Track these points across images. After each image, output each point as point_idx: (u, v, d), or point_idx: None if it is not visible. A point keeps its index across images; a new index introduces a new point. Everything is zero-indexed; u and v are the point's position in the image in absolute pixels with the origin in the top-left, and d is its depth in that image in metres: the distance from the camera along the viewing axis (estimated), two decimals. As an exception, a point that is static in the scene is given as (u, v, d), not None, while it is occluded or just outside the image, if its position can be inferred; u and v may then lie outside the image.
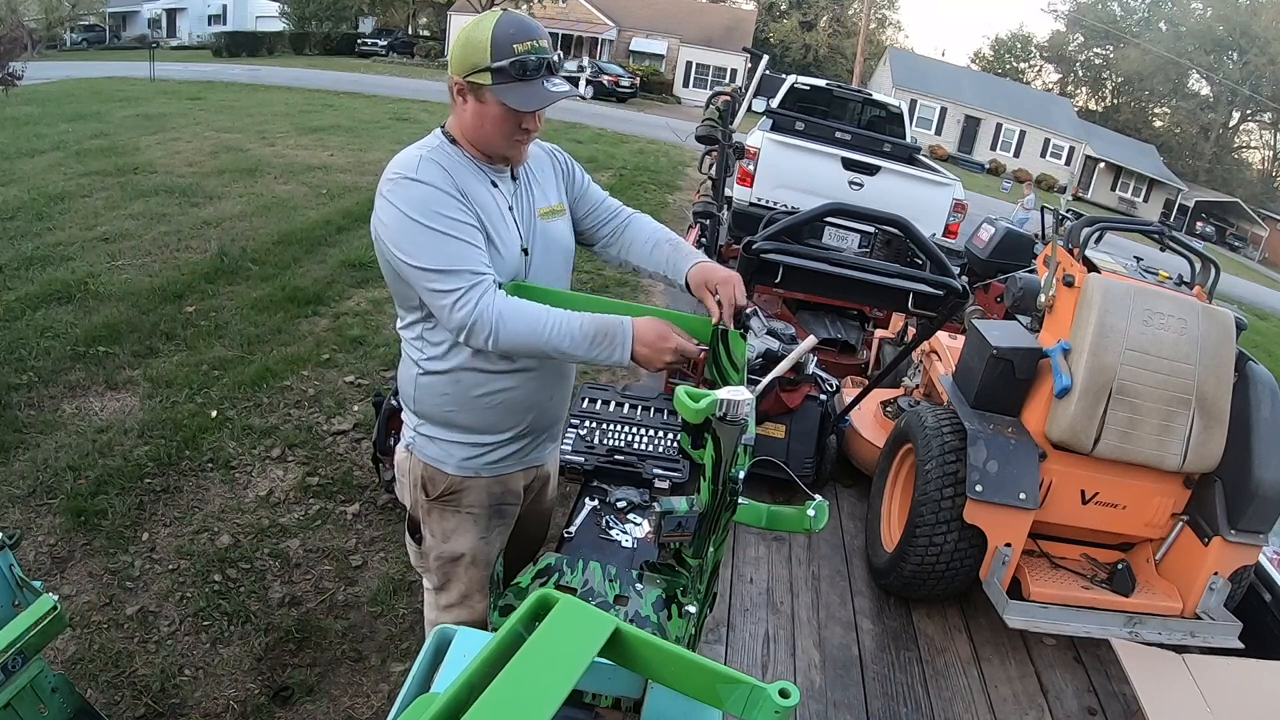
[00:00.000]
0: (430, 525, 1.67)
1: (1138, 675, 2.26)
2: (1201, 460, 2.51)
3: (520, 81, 1.38)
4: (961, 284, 2.63)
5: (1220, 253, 26.57)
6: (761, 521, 1.55)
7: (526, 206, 1.57)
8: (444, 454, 1.59)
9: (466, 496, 1.63)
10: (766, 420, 3.36)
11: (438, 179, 1.39)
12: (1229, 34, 37.61)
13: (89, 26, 27.84)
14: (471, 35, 1.39)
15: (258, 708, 2.12)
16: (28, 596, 1.50)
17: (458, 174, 1.44)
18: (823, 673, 2.51)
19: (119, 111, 11.33)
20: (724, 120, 5.77)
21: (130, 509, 2.82)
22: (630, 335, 1.39)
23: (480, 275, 1.36)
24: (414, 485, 1.65)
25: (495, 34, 1.36)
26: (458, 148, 1.49)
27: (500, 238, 1.47)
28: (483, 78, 1.38)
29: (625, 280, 6.38)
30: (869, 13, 32.37)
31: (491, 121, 1.42)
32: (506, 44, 1.36)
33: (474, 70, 1.38)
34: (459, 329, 1.36)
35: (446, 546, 1.67)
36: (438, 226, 1.35)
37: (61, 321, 4.18)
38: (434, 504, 1.64)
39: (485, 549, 1.69)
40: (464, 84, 1.41)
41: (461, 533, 1.66)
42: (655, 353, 1.41)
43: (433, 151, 1.45)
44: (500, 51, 1.36)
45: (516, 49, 1.36)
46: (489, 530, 1.68)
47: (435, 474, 1.61)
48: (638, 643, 0.80)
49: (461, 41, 1.40)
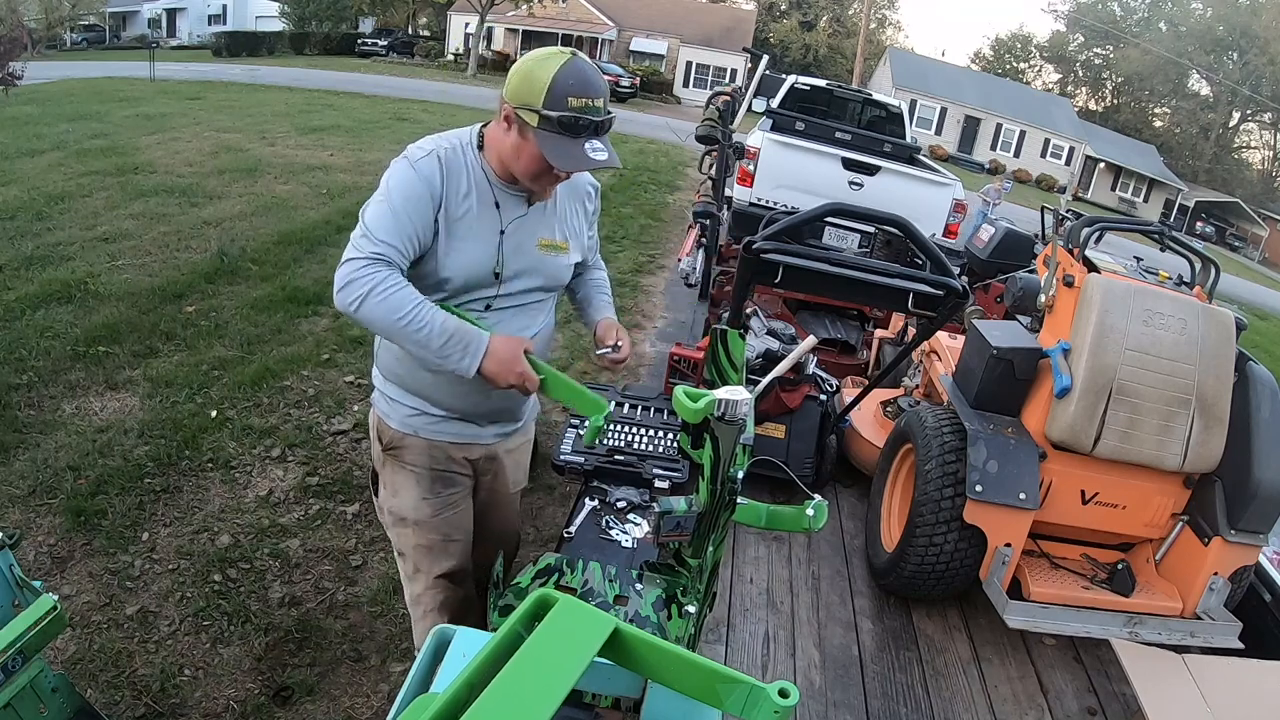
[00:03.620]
0: (384, 477, 1.77)
1: (1138, 675, 2.26)
2: (1201, 460, 2.51)
3: (564, 135, 1.40)
4: (961, 284, 2.63)
5: (1220, 253, 26.58)
6: (761, 521, 1.55)
7: (527, 235, 1.59)
8: (390, 409, 1.69)
9: (407, 453, 1.70)
10: (766, 420, 3.36)
11: (426, 175, 1.44)
12: (1229, 34, 37.61)
13: (89, 26, 27.84)
14: (534, 71, 1.40)
15: (258, 708, 2.12)
16: (28, 596, 1.50)
17: (456, 181, 1.48)
18: (823, 673, 2.51)
19: (119, 111, 11.33)
20: (724, 120, 5.79)
21: (130, 509, 2.82)
22: (484, 347, 1.43)
23: (384, 255, 1.40)
24: (374, 437, 1.76)
25: (556, 80, 1.38)
26: (481, 157, 1.52)
27: (470, 253, 1.51)
28: (530, 118, 1.40)
29: (625, 280, 6.39)
30: (869, 13, 32.37)
31: (527, 159, 1.45)
32: (563, 95, 1.37)
33: (525, 107, 1.40)
34: (338, 282, 1.40)
35: (395, 501, 1.76)
36: (393, 202, 1.43)
37: (61, 321, 4.18)
38: (385, 455, 1.73)
39: (429, 512, 1.74)
40: (513, 114, 1.43)
41: (405, 489, 1.73)
42: (502, 370, 1.44)
43: (452, 152, 1.49)
44: (555, 101, 1.37)
45: (571, 103, 1.38)
46: (432, 493, 1.74)
47: (384, 426, 1.71)
48: (637, 643, 0.80)
49: (523, 72, 1.42)
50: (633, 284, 6.36)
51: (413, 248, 1.45)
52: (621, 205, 9.32)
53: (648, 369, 4.75)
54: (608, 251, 7.21)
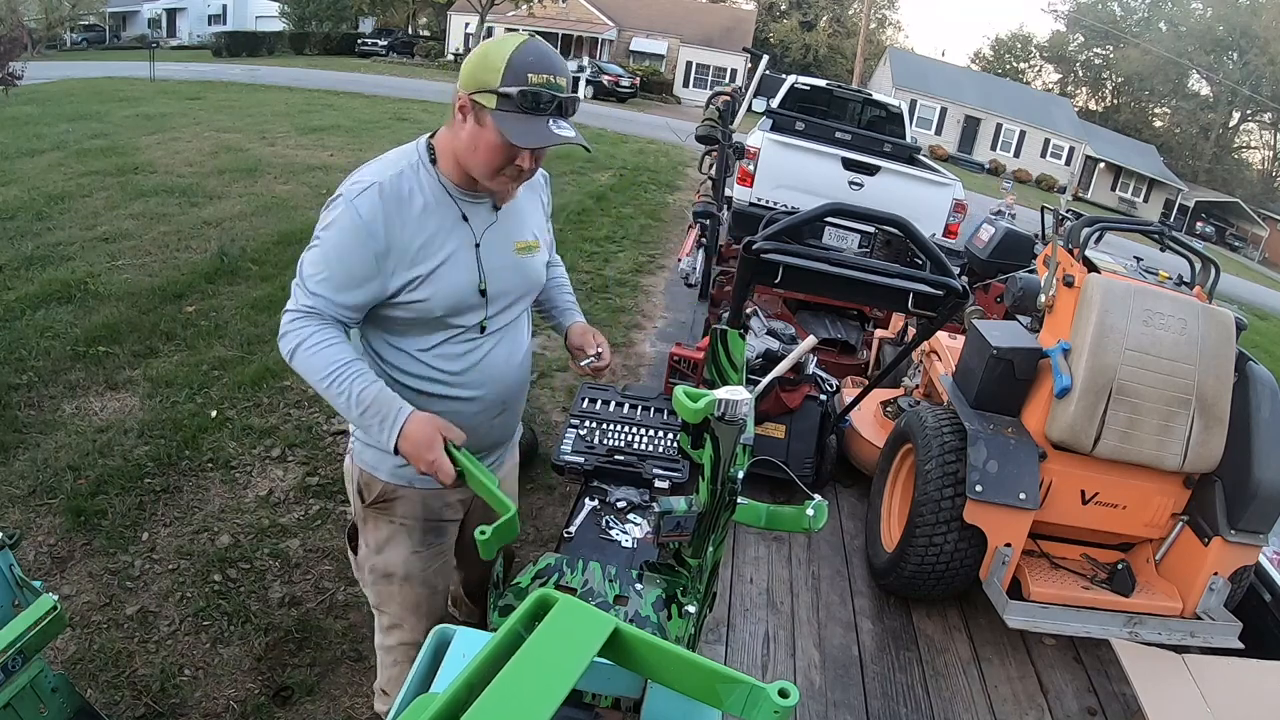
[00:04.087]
0: (366, 534, 1.63)
1: (1138, 675, 2.26)
2: (1201, 460, 2.51)
3: (525, 114, 1.29)
4: (961, 284, 2.63)
5: (1220, 253, 26.58)
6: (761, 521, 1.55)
7: (502, 241, 1.49)
8: (378, 461, 1.56)
9: (399, 506, 1.58)
10: (766, 420, 3.36)
11: (365, 216, 1.32)
12: (1229, 34, 37.61)
13: (89, 26, 27.84)
14: (489, 53, 1.30)
15: (258, 708, 2.12)
16: (28, 596, 1.50)
17: (406, 210, 1.36)
18: (823, 673, 2.51)
19: (119, 111, 11.33)
20: (724, 120, 5.79)
21: (130, 509, 2.82)
22: (400, 427, 1.32)
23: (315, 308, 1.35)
24: (354, 491, 1.62)
25: (513, 58, 1.28)
26: (435, 170, 1.41)
27: (449, 279, 1.40)
28: (488, 100, 1.29)
29: (624, 280, 6.39)
30: (869, 13, 32.37)
31: (485, 149, 1.33)
32: (521, 71, 1.27)
33: (481, 89, 1.29)
34: (280, 329, 1.37)
35: (379, 559, 1.63)
36: (326, 249, 1.35)
37: (61, 321, 4.18)
38: (369, 510, 1.60)
39: (419, 566, 1.64)
40: (468, 102, 1.32)
41: (394, 545, 1.62)
42: (416, 453, 1.33)
43: (396, 178, 1.37)
44: (512, 77, 1.27)
45: (531, 79, 1.27)
46: (424, 545, 1.63)
47: (371, 479, 1.57)
48: (637, 643, 0.80)
49: (477, 57, 1.32)
50: (633, 284, 6.36)
51: (353, 297, 1.36)
52: (621, 205, 9.32)
53: (648, 369, 4.75)
54: (608, 251, 7.21)
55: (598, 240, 7.52)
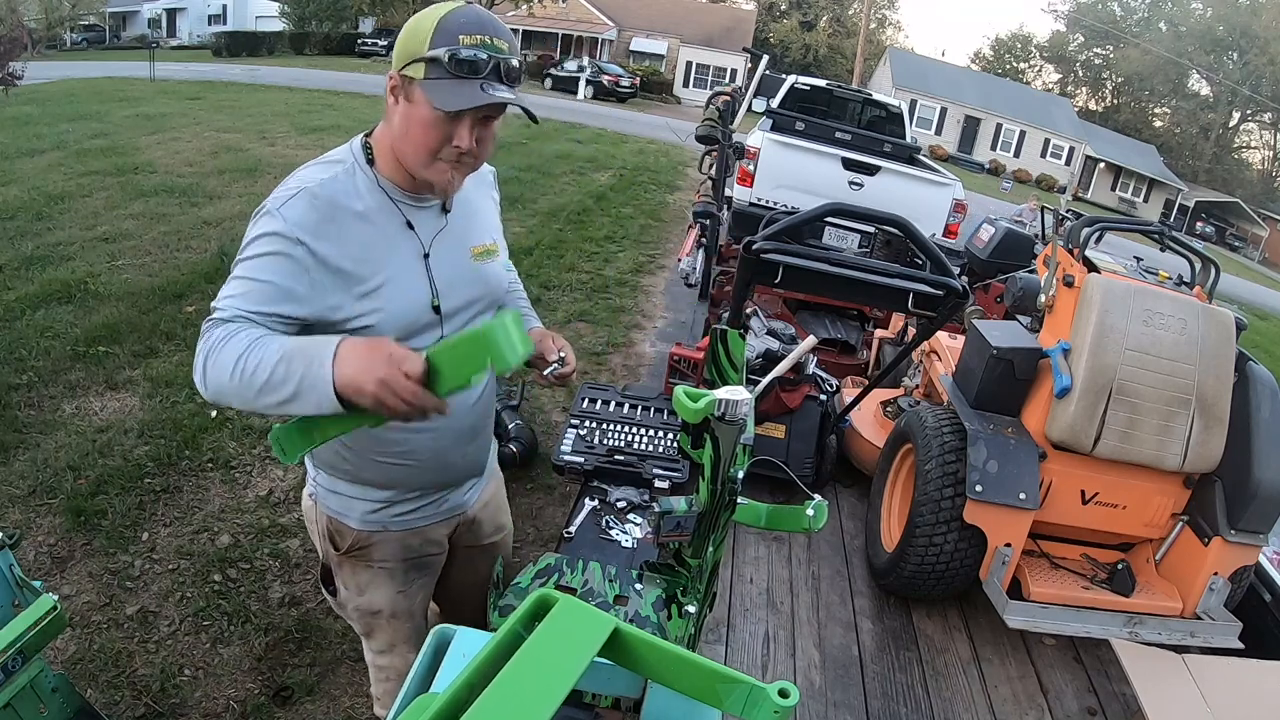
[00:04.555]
0: (343, 578, 1.49)
1: (1138, 675, 2.26)
2: (1201, 460, 2.51)
3: (457, 80, 1.11)
4: (961, 284, 2.63)
5: (1220, 253, 26.58)
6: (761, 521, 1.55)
7: (456, 248, 1.31)
8: (346, 507, 1.41)
9: (377, 551, 1.44)
10: (766, 420, 3.36)
11: (293, 222, 1.14)
12: (1229, 34, 37.61)
13: (89, 26, 27.84)
14: (417, 23, 1.14)
15: (258, 708, 2.12)
16: (28, 596, 1.50)
17: (342, 217, 1.18)
18: (823, 673, 2.51)
19: (119, 111, 11.33)
20: (724, 120, 5.79)
21: (130, 509, 2.82)
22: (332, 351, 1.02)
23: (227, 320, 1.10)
24: (321, 536, 1.47)
25: (442, 21, 1.12)
26: (373, 171, 1.24)
27: (396, 297, 1.22)
28: (416, 70, 1.13)
29: (624, 280, 6.39)
30: (869, 13, 32.37)
31: (417, 128, 1.15)
32: (452, 33, 1.11)
33: (410, 60, 1.13)
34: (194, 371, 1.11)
35: (362, 600, 1.51)
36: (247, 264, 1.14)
37: (61, 321, 4.18)
38: (344, 558, 1.45)
39: (405, 602, 1.53)
40: (398, 79, 1.15)
41: (376, 586, 1.48)
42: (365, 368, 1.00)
43: (328, 182, 1.19)
44: (441, 39, 1.11)
45: (462, 40, 1.11)
46: (407, 584, 1.51)
47: (341, 527, 1.42)
48: (637, 643, 0.80)
49: (406, 29, 1.16)
50: (633, 284, 6.36)
51: (278, 308, 1.12)
52: (621, 205, 9.32)
53: (648, 369, 4.75)
54: (608, 251, 7.21)
55: (598, 240, 7.52)
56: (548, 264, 6.43)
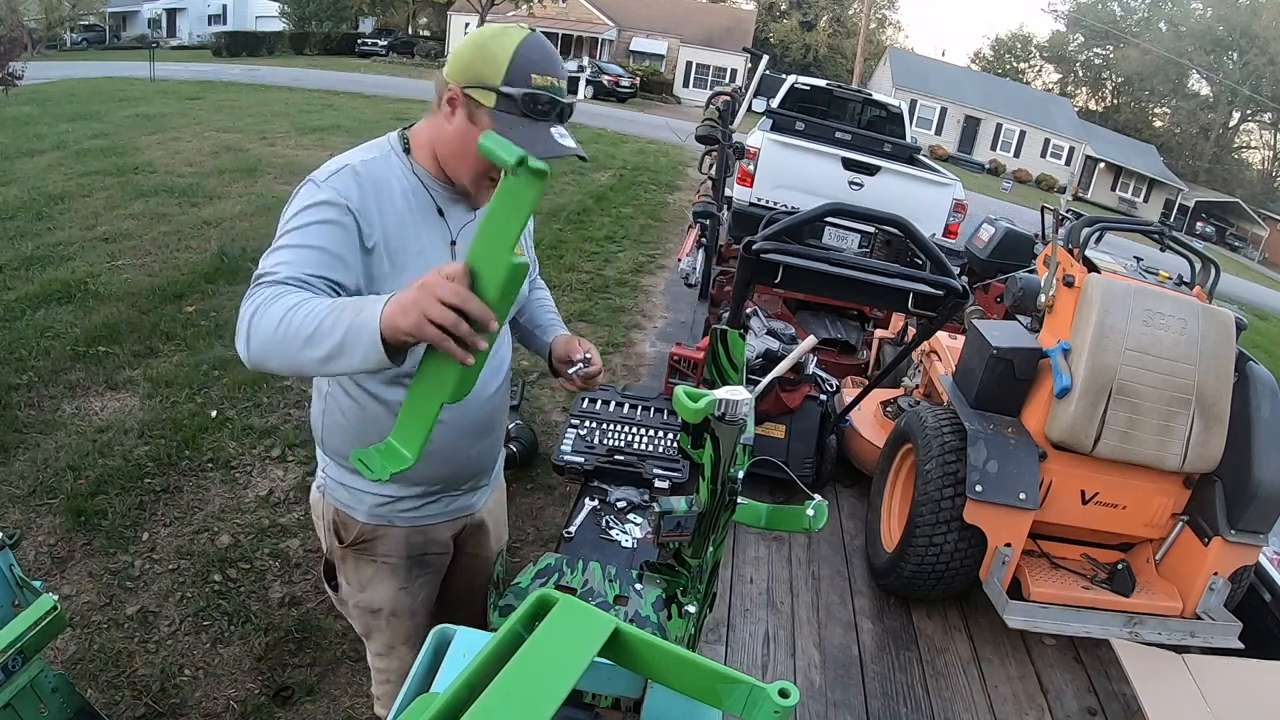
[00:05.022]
0: (346, 573, 1.52)
1: (1138, 675, 2.26)
2: (1201, 460, 2.51)
3: (527, 118, 1.18)
4: (961, 284, 2.63)
5: (1220, 253, 26.57)
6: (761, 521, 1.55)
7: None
8: (354, 500, 1.44)
9: (381, 545, 1.47)
10: (766, 420, 3.36)
11: (342, 191, 1.17)
12: (1229, 34, 37.63)
13: (89, 26, 27.84)
14: (488, 45, 1.18)
15: (258, 708, 2.12)
16: (28, 596, 1.50)
17: (386, 194, 1.23)
18: (823, 673, 2.51)
19: (119, 111, 11.33)
20: (724, 120, 5.79)
21: (130, 509, 2.82)
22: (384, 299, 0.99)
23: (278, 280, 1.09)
24: (326, 529, 1.50)
25: (517, 54, 1.17)
26: (410, 160, 1.29)
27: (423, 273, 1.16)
28: (486, 98, 1.18)
29: (624, 280, 6.39)
30: (869, 13, 32.37)
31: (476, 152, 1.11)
32: (525, 71, 1.17)
33: (479, 85, 1.18)
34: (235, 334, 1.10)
35: (364, 596, 1.53)
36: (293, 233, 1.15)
37: (61, 321, 4.18)
38: (348, 551, 1.49)
39: (407, 600, 1.55)
40: (460, 95, 1.20)
41: (379, 582, 1.51)
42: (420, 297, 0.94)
43: (371, 163, 1.24)
44: (516, 77, 1.17)
45: (535, 80, 1.17)
46: (410, 580, 1.53)
47: (347, 519, 1.46)
48: (638, 643, 0.80)
49: (473, 47, 1.20)
50: (633, 284, 6.36)
51: (329, 272, 1.13)
52: (621, 205, 9.32)
53: (648, 369, 4.75)
54: (608, 251, 7.21)
55: (598, 240, 7.52)
56: (548, 264, 6.42)
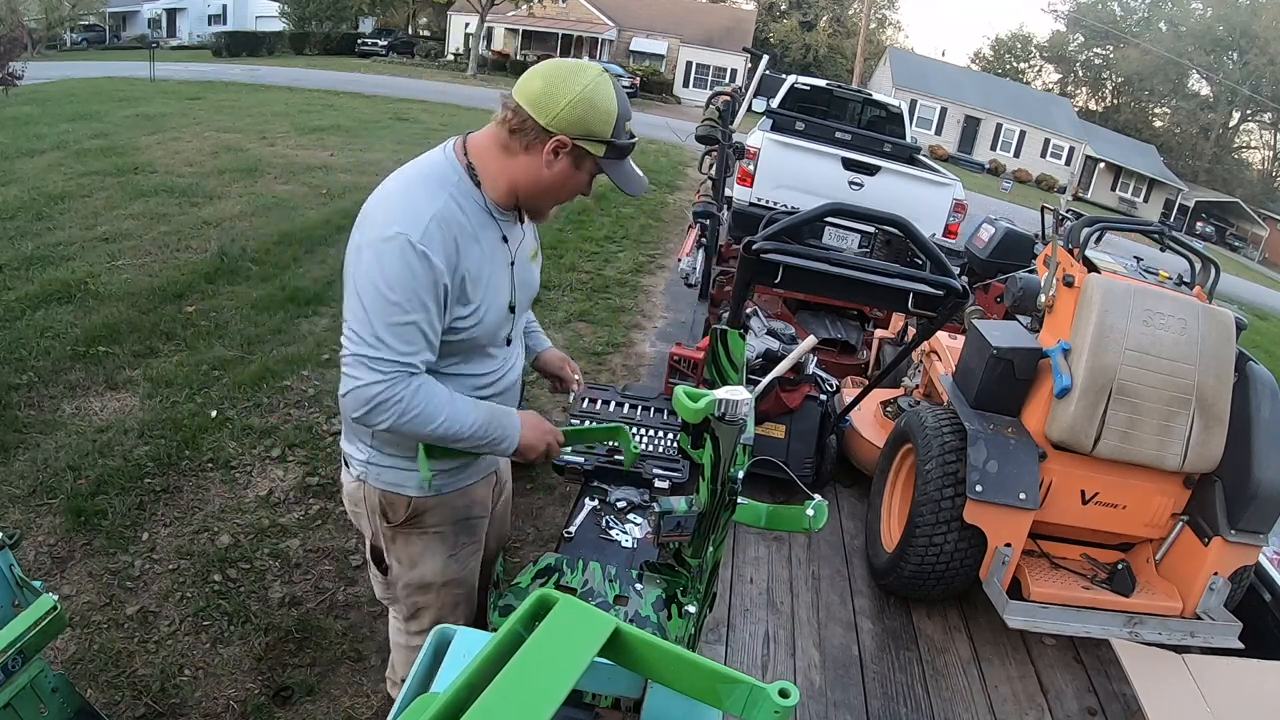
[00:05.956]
0: (395, 552, 1.60)
1: (1138, 675, 2.26)
2: (1201, 460, 2.51)
3: (619, 161, 1.39)
4: (961, 284, 2.63)
5: (1220, 253, 26.58)
6: (761, 521, 1.55)
7: (524, 254, 1.52)
8: (402, 478, 1.52)
9: (431, 516, 1.57)
10: (766, 420, 3.36)
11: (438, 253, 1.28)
12: (1229, 34, 37.63)
13: (89, 26, 27.86)
14: (594, 100, 1.30)
15: (258, 708, 2.12)
16: (28, 596, 1.50)
17: (466, 237, 1.34)
18: (823, 673, 2.51)
19: (119, 111, 11.32)
20: (724, 120, 5.79)
21: (130, 509, 2.82)
22: (518, 424, 1.45)
23: (411, 367, 1.31)
24: (372, 513, 1.56)
25: (621, 109, 1.35)
26: (481, 193, 1.39)
27: (494, 303, 1.42)
28: (595, 149, 1.34)
29: (624, 280, 6.39)
30: (869, 13, 32.37)
31: (572, 188, 1.41)
32: (624, 121, 1.36)
33: (591, 138, 1.33)
34: (356, 404, 1.31)
35: (414, 573, 1.61)
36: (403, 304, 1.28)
37: (61, 321, 4.18)
38: (398, 530, 1.57)
39: (456, 568, 1.64)
40: (571, 145, 1.32)
41: (429, 555, 1.60)
42: (536, 438, 1.47)
43: (446, 207, 1.32)
44: (620, 130, 1.36)
45: (628, 128, 1.38)
46: (457, 547, 1.63)
47: (395, 499, 1.53)
48: (638, 643, 0.80)
49: (581, 103, 1.30)
50: (633, 284, 6.36)
51: (436, 338, 1.35)
52: (621, 205, 9.31)
53: (648, 369, 4.75)
54: (608, 251, 7.22)
55: (598, 240, 7.52)
56: (548, 264, 6.41)
